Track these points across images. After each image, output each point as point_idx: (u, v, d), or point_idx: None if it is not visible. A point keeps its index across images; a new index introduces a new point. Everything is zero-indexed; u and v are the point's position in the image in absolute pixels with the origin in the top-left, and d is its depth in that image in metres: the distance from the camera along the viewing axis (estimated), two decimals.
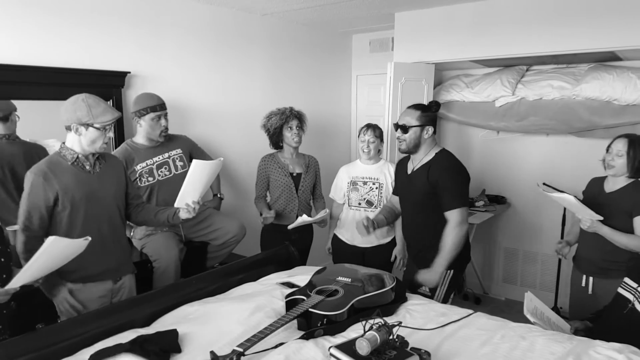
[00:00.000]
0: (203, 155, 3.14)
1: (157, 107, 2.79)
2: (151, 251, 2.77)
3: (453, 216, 2.39)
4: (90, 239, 1.88)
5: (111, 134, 2.15)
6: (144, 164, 2.81)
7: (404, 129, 2.46)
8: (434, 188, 2.42)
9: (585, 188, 2.81)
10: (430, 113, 2.48)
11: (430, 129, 2.47)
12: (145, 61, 3.19)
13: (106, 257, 2.20)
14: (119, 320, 1.89)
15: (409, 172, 2.58)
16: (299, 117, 3.19)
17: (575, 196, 2.66)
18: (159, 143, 2.87)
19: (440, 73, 4.51)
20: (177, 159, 2.94)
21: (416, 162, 2.54)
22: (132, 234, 2.81)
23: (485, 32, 3.63)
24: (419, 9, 3.87)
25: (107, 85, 2.93)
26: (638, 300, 2.08)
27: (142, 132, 2.83)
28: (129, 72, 3.05)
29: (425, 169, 2.47)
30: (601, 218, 2.47)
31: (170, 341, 1.71)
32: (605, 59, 3.66)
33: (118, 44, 3.05)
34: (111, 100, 2.90)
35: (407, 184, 2.60)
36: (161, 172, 2.86)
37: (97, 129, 2.07)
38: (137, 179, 2.78)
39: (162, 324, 1.93)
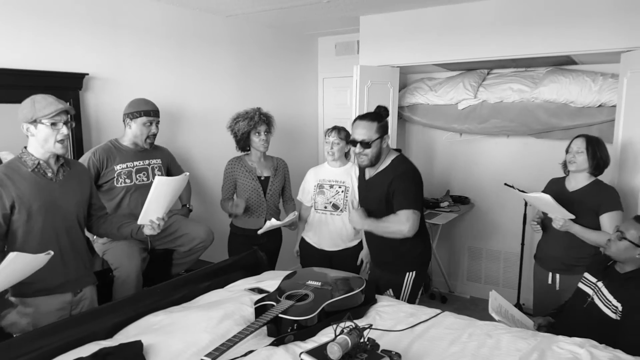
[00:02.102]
0: (179, 171, 3.09)
1: (151, 112, 2.81)
2: (112, 259, 2.68)
3: (401, 213, 2.32)
4: (52, 253, 1.81)
5: (65, 131, 2.02)
6: (124, 165, 2.78)
7: (366, 144, 2.36)
8: (391, 194, 2.39)
9: (544, 188, 2.89)
10: (384, 121, 2.44)
11: (388, 137, 2.44)
12: (104, 63, 3.09)
13: (65, 269, 2.11)
14: (79, 333, 1.82)
15: (367, 177, 2.56)
16: (267, 122, 3.15)
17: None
18: (143, 149, 2.86)
19: (405, 76, 4.57)
20: (156, 168, 2.92)
21: (372, 169, 2.51)
22: (94, 237, 2.72)
23: (448, 37, 3.70)
24: (383, 12, 3.91)
25: (64, 87, 2.81)
26: (597, 295, 2.15)
27: (129, 134, 2.82)
28: (87, 74, 2.95)
29: (383, 176, 2.44)
30: (573, 217, 2.54)
31: (135, 353, 1.65)
32: (562, 63, 3.79)
33: (75, 45, 2.94)
34: (69, 103, 2.78)
35: (366, 190, 2.58)
36: (139, 177, 2.83)
37: (46, 124, 1.97)
38: (114, 179, 2.74)
39: (125, 336, 1.86)
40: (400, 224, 2.31)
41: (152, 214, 2.21)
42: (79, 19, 2.95)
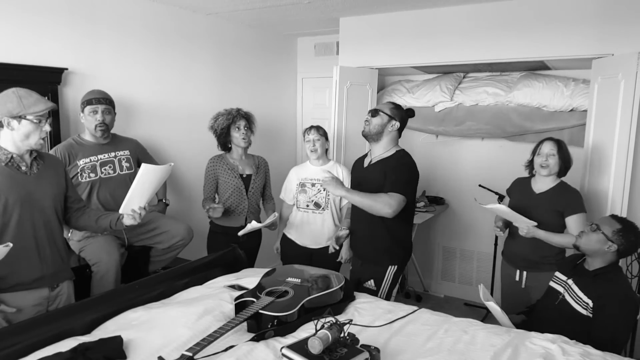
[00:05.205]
0: (151, 162, 3.04)
1: (93, 100, 2.76)
2: (90, 255, 2.65)
3: (391, 194, 2.39)
4: (11, 245, 1.77)
5: (48, 128, 2.01)
6: (87, 160, 2.74)
7: (374, 112, 2.51)
8: (385, 179, 2.45)
9: (510, 187, 2.97)
10: (402, 112, 2.55)
11: (397, 125, 2.51)
12: (84, 58, 3.05)
13: (42, 264, 2.07)
14: (57, 328, 1.79)
15: (366, 165, 2.62)
16: (247, 118, 3.16)
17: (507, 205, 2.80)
18: (106, 141, 2.83)
19: (383, 78, 4.62)
20: (123, 159, 2.88)
21: (374, 156, 2.58)
22: (69, 235, 2.68)
23: (425, 40, 3.77)
24: (363, 14, 3.96)
25: (42, 81, 2.77)
26: (568, 292, 2.23)
27: (85, 127, 2.80)
28: (67, 69, 2.91)
29: (383, 163, 2.51)
30: (536, 224, 2.61)
31: (115, 348, 1.64)
32: (536, 68, 3.90)
33: (54, 40, 2.89)
34: (47, 98, 2.74)
35: (362, 176, 2.62)
36: (105, 170, 2.79)
37: (31, 121, 1.95)
38: (78, 174, 2.70)
39: (104, 331, 1.85)
40: (386, 204, 2.36)
41: (134, 203, 2.20)
42: (58, 13, 2.91)
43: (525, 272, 2.76)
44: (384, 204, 2.37)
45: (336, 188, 2.47)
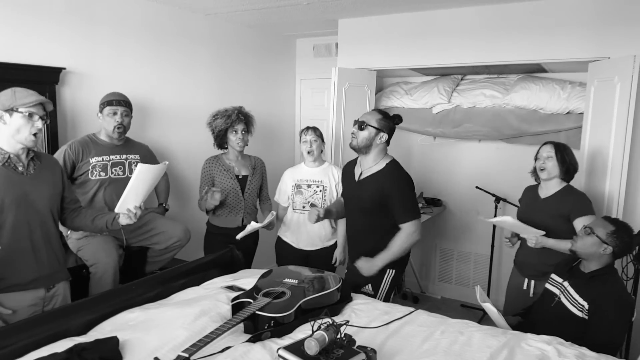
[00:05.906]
0: None
1: (114, 102, 2.81)
2: (88, 255, 2.65)
3: (407, 227, 2.44)
4: None
5: (40, 124, 2.00)
6: (99, 158, 2.78)
7: (361, 124, 2.48)
8: (386, 199, 2.44)
9: (521, 196, 2.97)
10: (390, 122, 2.51)
11: (385, 137, 2.49)
12: (82, 57, 3.05)
13: (38, 264, 2.07)
14: (52, 329, 1.78)
15: (357, 178, 2.58)
16: (246, 121, 3.13)
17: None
18: (120, 142, 2.88)
19: (381, 80, 4.63)
20: (133, 163, 2.91)
21: (365, 168, 2.54)
22: (68, 233, 2.68)
23: (423, 42, 3.78)
24: (361, 16, 3.96)
25: (40, 81, 2.77)
26: (564, 294, 2.24)
27: (102, 127, 2.84)
28: (64, 69, 2.91)
29: (376, 178, 2.49)
30: (544, 233, 2.59)
31: (111, 349, 1.64)
32: (533, 70, 3.91)
33: (52, 39, 2.89)
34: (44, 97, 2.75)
35: (355, 190, 2.59)
36: (115, 170, 2.82)
37: (22, 114, 1.95)
38: (89, 171, 2.74)
39: (100, 332, 1.84)
40: (410, 236, 2.45)
41: (130, 202, 2.20)
42: (56, 13, 2.91)
43: (533, 281, 2.74)
44: (409, 241, 2.46)
45: (371, 269, 2.51)
